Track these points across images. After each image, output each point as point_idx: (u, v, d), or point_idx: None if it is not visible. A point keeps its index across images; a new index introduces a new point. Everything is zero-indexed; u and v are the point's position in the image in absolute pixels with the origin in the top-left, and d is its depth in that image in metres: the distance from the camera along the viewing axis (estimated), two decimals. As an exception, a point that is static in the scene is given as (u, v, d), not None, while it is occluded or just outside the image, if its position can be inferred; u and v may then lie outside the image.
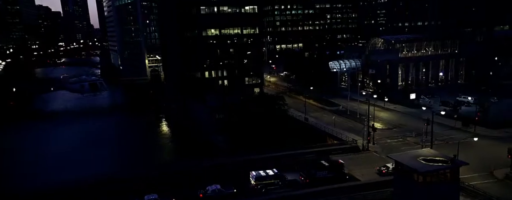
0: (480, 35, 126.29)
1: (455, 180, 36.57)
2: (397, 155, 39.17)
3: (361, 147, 57.71)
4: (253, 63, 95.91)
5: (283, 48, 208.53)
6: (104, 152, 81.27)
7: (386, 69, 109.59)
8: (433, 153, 39.37)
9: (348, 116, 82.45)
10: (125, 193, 44.14)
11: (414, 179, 35.83)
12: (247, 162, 50.89)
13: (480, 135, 65.19)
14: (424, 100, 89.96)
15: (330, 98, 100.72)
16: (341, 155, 53.69)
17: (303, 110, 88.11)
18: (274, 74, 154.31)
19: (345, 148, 56.54)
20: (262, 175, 45.04)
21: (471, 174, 48.02)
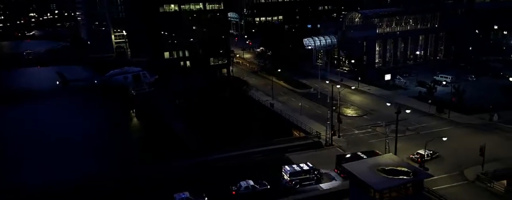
0: (461, 7, 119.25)
1: (418, 194, 31.04)
2: (353, 165, 33.19)
3: (324, 142, 51.68)
4: (219, 42, 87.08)
5: (262, 21, 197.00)
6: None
7: (363, 46, 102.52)
8: (395, 161, 33.52)
9: (319, 100, 76.03)
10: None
11: (370, 195, 30.10)
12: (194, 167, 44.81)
13: (453, 122, 60.36)
14: (399, 80, 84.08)
15: (303, 78, 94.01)
16: (299, 154, 47.69)
17: (275, 91, 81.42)
18: (250, 50, 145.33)
19: (305, 144, 50.25)
20: (297, 170, 41.87)
21: (441, 174, 43.06)
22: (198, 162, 45.92)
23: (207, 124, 60.57)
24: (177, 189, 39.13)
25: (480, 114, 62.27)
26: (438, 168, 44.29)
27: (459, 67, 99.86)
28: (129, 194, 41.39)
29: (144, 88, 67.46)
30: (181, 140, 63.03)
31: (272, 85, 79.27)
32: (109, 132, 76.66)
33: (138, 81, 62.05)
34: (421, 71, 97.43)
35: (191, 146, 56.76)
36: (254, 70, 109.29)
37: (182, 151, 55.57)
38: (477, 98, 70.70)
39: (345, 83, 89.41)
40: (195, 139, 58.97)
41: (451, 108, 62.86)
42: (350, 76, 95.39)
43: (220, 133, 57.35)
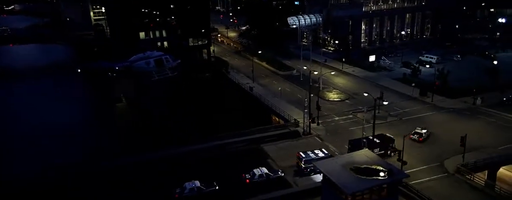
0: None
1: (393, 195, 28.50)
2: (325, 164, 30.25)
3: (302, 130, 48.66)
4: (198, 21, 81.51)
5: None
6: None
7: (349, 25, 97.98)
8: (371, 157, 30.67)
9: (301, 83, 72.27)
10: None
11: (342, 197, 27.43)
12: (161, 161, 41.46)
13: (437, 107, 57.87)
14: (384, 61, 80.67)
15: (287, 59, 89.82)
16: (275, 144, 44.72)
17: (256, 74, 77.44)
18: (235, 28, 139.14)
19: (282, 134, 47.13)
20: (312, 157, 40.08)
21: (421, 166, 40.78)
22: (164, 156, 42.38)
23: (180, 111, 56.84)
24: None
25: (464, 98, 59.80)
26: (417, 159, 42.04)
27: (445, 46, 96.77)
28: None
29: (166, 73, 63.01)
30: (153, 128, 59.16)
31: (252, 67, 75.12)
32: (85, 118, 72.50)
33: (160, 66, 57.75)
34: (407, 51, 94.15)
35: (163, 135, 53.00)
36: (238, 49, 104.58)
37: (150, 142, 51.29)
38: (462, 80, 68.15)
39: (329, 64, 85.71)
40: (167, 128, 55.23)
41: (435, 91, 60.19)
42: (334, 56, 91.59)
43: (194, 121, 53.83)
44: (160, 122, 56.97)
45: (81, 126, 64.01)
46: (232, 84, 71.86)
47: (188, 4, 79.21)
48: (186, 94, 63.11)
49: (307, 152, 40.82)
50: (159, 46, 78.49)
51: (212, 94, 63.57)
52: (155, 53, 64.22)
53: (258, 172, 38.39)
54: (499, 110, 54.99)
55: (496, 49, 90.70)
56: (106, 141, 55.03)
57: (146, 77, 61.98)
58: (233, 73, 79.53)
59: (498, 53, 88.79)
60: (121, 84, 75.67)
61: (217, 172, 40.28)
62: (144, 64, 59.17)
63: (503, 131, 48.15)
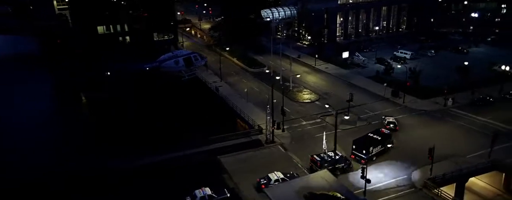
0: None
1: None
2: (277, 190, 26.52)
3: (266, 138, 44.62)
4: (163, 15, 75.40)
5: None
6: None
7: (324, 18, 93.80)
8: (330, 181, 27.14)
9: (270, 81, 68.03)
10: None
11: (294, 231, 23.88)
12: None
13: (407, 108, 55.10)
14: (358, 58, 77.28)
15: (259, 54, 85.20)
16: (234, 155, 40.63)
17: (224, 71, 72.70)
18: (209, 19, 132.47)
19: (243, 143, 43.05)
20: (327, 160, 38.61)
21: (388, 179, 37.80)
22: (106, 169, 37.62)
23: (135, 115, 51.79)
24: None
25: (435, 98, 57.28)
26: (383, 171, 39.05)
27: (419, 40, 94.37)
28: None
29: (195, 72, 61.60)
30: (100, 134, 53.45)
31: (220, 64, 70.07)
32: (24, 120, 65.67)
33: (189, 65, 55.40)
34: (383, 45, 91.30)
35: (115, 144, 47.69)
36: (210, 43, 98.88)
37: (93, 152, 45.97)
38: (434, 78, 65.68)
39: (302, 60, 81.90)
40: (119, 134, 49.81)
41: (407, 91, 57.32)
42: (309, 51, 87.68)
43: (148, 128, 48.85)
44: (109, 127, 51.60)
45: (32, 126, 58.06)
46: (198, 83, 66.90)
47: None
48: (145, 96, 57.97)
49: (320, 154, 39.03)
50: (120, 41, 72.31)
51: (173, 96, 58.47)
52: (183, 51, 62.80)
53: (200, 193, 34.76)
54: (469, 111, 52.73)
55: (469, 44, 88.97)
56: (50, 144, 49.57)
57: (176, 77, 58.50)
58: (200, 70, 74.40)
59: (471, 48, 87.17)
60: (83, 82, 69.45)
61: (159, 192, 36.25)
62: (173, 63, 56.82)
63: (472, 136, 45.83)
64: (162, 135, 46.45)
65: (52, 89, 79.15)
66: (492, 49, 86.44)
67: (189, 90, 60.76)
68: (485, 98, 55.49)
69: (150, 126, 49.55)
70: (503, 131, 46.34)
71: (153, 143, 43.16)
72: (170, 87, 60.83)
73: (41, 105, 68.66)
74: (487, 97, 55.92)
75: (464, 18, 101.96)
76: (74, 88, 70.37)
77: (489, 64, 68.29)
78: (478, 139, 44.72)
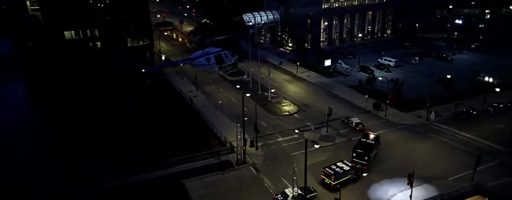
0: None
1: None
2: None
3: (236, 158, 41.00)
4: (138, 19, 71.19)
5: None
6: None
7: (307, 23, 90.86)
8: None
9: (250, 91, 64.74)
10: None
11: None
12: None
13: (389, 123, 52.48)
14: (340, 66, 74.49)
15: (240, 60, 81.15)
16: (201, 179, 36.97)
17: (201, 79, 69.00)
18: (193, 22, 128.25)
19: (213, 165, 39.44)
20: (340, 171, 37.58)
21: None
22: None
23: (98, 131, 47.76)
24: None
25: (418, 111, 54.86)
26: (365, 197, 36.13)
27: (404, 46, 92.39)
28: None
29: (227, 69, 61.92)
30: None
31: (195, 73, 66.18)
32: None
33: (220, 62, 55.94)
34: (367, 52, 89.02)
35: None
36: (190, 47, 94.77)
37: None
38: (418, 87, 63.43)
39: (284, 67, 78.75)
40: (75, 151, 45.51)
41: (389, 103, 54.66)
42: (291, 57, 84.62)
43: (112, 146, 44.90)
44: (68, 141, 47.29)
45: None
46: (173, 92, 63.15)
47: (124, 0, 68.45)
48: (112, 107, 53.97)
49: (332, 166, 37.88)
50: (91, 46, 67.91)
51: (143, 107, 54.59)
52: (214, 49, 62.40)
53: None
54: (452, 126, 50.41)
55: (453, 51, 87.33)
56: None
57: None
58: (177, 78, 70.64)
59: (455, 55, 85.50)
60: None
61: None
62: (204, 60, 57.24)
63: (455, 155, 43.42)
64: (124, 154, 42.47)
65: (18, 93, 74.30)
66: (476, 56, 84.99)
67: (160, 101, 57.03)
68: (468, 112, 53.36)
69: (112, 143, 45.42)
70: (485, 149, 44.17)
71: (113, 164, 39.22)
72: (140, 97, 56.98)
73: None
74: (470, 110, 53.81)
75: (448, 24, 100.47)
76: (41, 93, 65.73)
77: (473, 74, 66.36)
78: (461, 158, 42.33)
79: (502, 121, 51.01)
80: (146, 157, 41.37)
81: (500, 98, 55.91)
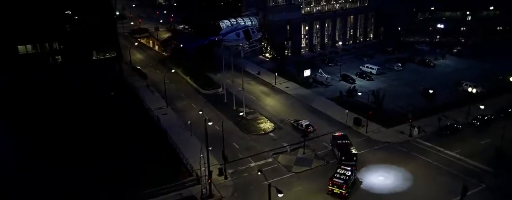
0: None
1: None
2: None
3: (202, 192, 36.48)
4: (103, 30, 65.89)
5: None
6: None
7: (287, 29, 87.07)
8: None
9: (224, 106, 60.51)
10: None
11: None
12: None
13: (371, 141, 49.02)
14: (321, 75, 70.87)
15: (216, 71, 75.60)
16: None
17: (173, 94, 64.39)
18: (171, 27, 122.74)
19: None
20: (347, 178, 37.05)
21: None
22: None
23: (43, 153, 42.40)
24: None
25: (401, 126, 51.62)
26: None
27: (386, 51, 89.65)
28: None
29: (255, 45, 64.51)
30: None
31: (164, 86, 61.32)
32: None
33: (248, 38, 57.90)
34: (349, 59, 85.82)
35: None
36: (165, 56, 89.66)
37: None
38: (400, 99, 60.47)
39: (262, 77, 74.60)
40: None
41: (370, 117, 51.21)
42: (271, 65, 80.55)
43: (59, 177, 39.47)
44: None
45: None
46: (140, 109, 58.20)
47: (87, 9, 63.03)
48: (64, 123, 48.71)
49: (336, 175, 37.02)
50: (51, 61, 62.40)
51: (101, 128, 49.41)
52: (241, 25, 65.42)
53: None
54: (436, 143, 47.26)
55: (436, 56, 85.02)
56: None
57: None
58: (147, 92, 65.71)
59: (438, 60, 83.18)
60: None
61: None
62: (235, 36, 58.23)
63: (439, 178, 40.13)
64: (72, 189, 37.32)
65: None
66: (458, 61, 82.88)
67: (123, 120, 52.02)
68: (452, 126, 50.40)
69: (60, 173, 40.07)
70: (471, 170, 41.14)
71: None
72: (100, 116, 51.92)
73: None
74: (454, 124, 50.89)
75: (430, 27, 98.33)
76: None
77: (456, 84, 63.67)
78: (446, 182, 39.12)
79: (488, 136, 48.23)
80: (96, 191, 36.52)
81: (485, 108, 53.13)
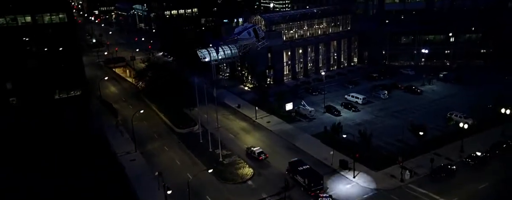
0: (372, 7, 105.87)
1: None
2: None
3: None
4: (66, 67, 60.83)
5: (174, 14, 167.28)
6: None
7: (268, 57, 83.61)
8: None
9: (199, 147, 55.13)
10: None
11: None
12: None
13: (359, 187, 44.29)
14: (304, 108, 66.75)
15: (194, 104, 69.54)
16: None
17: (145, 134, 59.03)
18: (150, 54, 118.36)
19: None
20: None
21: None
22: None
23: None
24: None
25: (391, 168, 47.28)
26: None
27: (371, 77, 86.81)
28: None
29: (263, 42, 69.90)
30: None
31: (132, 128, 55.83)
32: None
33: (257, 36, 64.74)
34: (333, 86, 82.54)
35: None
36: (139, 90, 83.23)
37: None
38: (389, 134, 56.56)
39: (242, 111, 70.01)
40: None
41: (358, 157, 46.76)
42: (252, 96, 76.30)
43: None
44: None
45: None
46: (105, 153, 52.47)
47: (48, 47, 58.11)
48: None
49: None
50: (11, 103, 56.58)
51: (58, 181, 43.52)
52: (248, 25, 71.72)
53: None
54: (431, 189, 42.87)
55: (422, 81, 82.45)
56: None
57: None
58: (117, 133, 60.08)
59: (425, 86, 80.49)
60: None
61: None
62: (247, 34, 67.34)
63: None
64: None
65: None
66: (445, 87, 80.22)
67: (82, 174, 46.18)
68: (446, 167, 46.32)
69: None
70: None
71: None
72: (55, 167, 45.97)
73: None
74: (448, 165, 46.86)
75: (414, 50, 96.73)
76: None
77: (447, 119, 60.22)
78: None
79: (485, 178, 44.20)
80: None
81: (478, 143, 49.67)
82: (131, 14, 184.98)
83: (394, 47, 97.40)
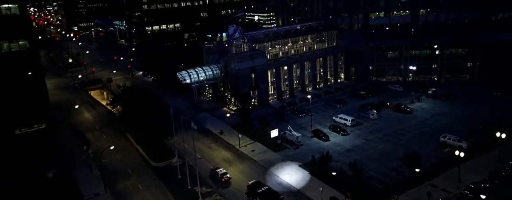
0: (357, 23, 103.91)
1: None
2: None
3: None
4: (28, 98, 55.27)
5: (156, 30, 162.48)
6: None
7: (251, 78, 79.72)
8: None
9: (176, 185, 50.13)
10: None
11: None
12: None
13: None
14: (290, 134, 62.65)
15: (171, 134, 57.62)
16: None
17: (118, 169, 53.67)
18: (129, 75, 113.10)
19: None
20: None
21: None
22: None
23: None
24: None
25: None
26: None
27: (359, 95, 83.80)
28: None
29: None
30: None
31: (101, 165, 50.42)
32: None
33: (242, 33, 76.16)
34: (321, 106, 79.05)
35: None
36: (109, 118, 76.42)
37: None
38: (381, 160, 52.99)
39: (225, 138, 65.35)
40: None
41: (349, 196, 42.74)
42: (235, 121, 71.78)
43: None
44: None
45: None
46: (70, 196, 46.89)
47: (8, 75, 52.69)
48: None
49: None
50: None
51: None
52: (231, 27, 79.93)
53: None
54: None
55: (411, 97, 79.82)
56: None
57: None
58: (86, 170, 54.46)
59: (414, 104, 77.78)
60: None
61: None
62: (239, 33, 77.64)
63: None
64: None
65: None
66: (434, 104, 77.54)
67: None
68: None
69: None
70: None
71: None
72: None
73: None
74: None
75: (402, 65, 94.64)
76: None
77: (441, 145, 57.02)
78: None
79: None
80: None
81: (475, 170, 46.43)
82: (111, 30, 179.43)
83: (380, 62, 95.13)
